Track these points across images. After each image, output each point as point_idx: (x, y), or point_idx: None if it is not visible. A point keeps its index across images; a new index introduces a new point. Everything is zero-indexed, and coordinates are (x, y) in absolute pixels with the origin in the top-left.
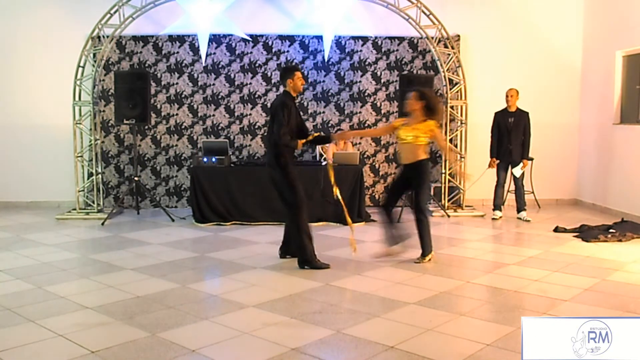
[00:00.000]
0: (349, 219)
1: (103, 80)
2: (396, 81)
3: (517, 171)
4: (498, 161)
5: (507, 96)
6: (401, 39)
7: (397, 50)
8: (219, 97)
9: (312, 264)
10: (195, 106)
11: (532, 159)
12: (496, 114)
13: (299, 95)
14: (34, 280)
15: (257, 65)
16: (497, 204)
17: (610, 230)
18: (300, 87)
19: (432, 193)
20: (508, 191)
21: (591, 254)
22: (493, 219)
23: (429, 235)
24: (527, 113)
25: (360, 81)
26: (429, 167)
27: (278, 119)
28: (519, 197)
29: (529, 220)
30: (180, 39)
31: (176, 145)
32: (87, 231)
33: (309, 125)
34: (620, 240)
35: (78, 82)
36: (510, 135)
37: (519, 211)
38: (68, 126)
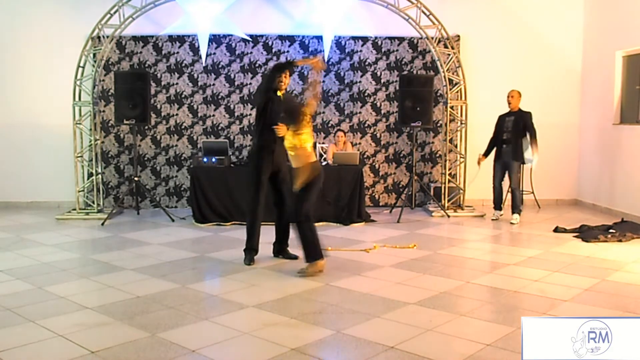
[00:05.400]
0: None
1: (103, 80)
2: (396, 81)
3: (533, 162)
4: (483, 158)
5: (507, 97)
6: (401, 39)
7: (397, 50)
8: (219, 97)
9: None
10: (195, 106)
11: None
12: (500, 116)
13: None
14: (34, 281)
15: (257, 65)
16: (497, 204)
17: (610, 231)
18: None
19: (432, 193)
20: (507, 191)
21: (591, 254)
22: (492, 219)
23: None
24: (529, 113)
25: (360, 81)
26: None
27: None
28: (513, 200)
29: (513, 224)
30: (180, 39)
31: (176, 146)
32: (87, 231)
33: None
34: (620, 241)
35: (78, 82)
36: (506, 136)
37: (512, 213)
38: (68, 126)
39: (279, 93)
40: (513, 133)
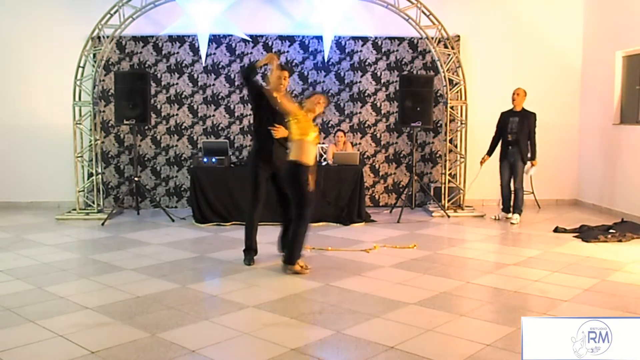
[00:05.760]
0: None
1: (103, 80)
2: (396, 81)
3: (531, 171)
4: (487, 157)
5: (512, 94)
6: (401, 40)
7: (397, 50)
8: (219, 97)
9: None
10: (195, 106)
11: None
12: (502, 113)
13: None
14: (34, 281)
15: None
16: (506, 206)
17: (610, 231)
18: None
19: (432, 193)
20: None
21: (591, 254)
22: (492, 218)
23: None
24: (534, 114)
25: (360, 81)
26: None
27: None
28: (515, 199)
29: (513, 223)
30: (180, 39)
31: (176, 146)
32: (87, 231)
33: None
34: (620, 241)
35: (78, 83)
36: (511, 136)
37: (513, 212)
38: (68, 126)
39: (275, 94)
40: (519, 134)
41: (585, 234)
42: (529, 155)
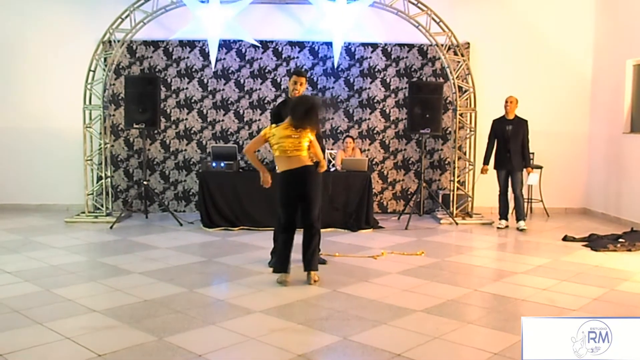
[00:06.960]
0: None
1: (113, 84)
2: (405, 88)
3: (532, 179)
4: (488, 167)
5: (505, 102)
6: (411, 46)
7: (406, 57)
8: (229, 102)
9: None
10: (204, 111)
11: (541, 167)
12: (494, 121)
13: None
14: (42, 283)
15: (266, 71)
16: (503, 213)
17: (620, 240)
18: (291, 90)
19: (440, 200)
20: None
21: (600, 263)
22: (498, 228)
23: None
24: (526, 121)
25: (369, 88)
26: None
27: None
28: (517, 207)
29: (523, 230)
30: (190, 44)
31: (185, 150)
32: (95, 234)
33: None
34: (629, 250)
35: (89, 86)
36: (509, 144)
37: (517, 221)
38: (78, 130)
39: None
40: (515, 140)
41: (595, 243)
42: (523, 163)
